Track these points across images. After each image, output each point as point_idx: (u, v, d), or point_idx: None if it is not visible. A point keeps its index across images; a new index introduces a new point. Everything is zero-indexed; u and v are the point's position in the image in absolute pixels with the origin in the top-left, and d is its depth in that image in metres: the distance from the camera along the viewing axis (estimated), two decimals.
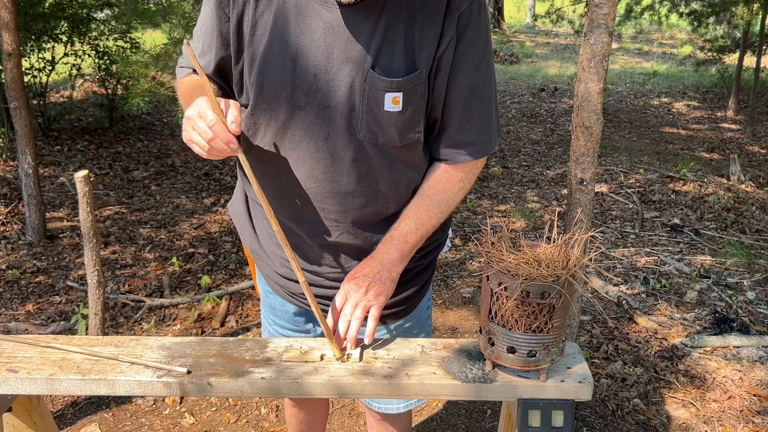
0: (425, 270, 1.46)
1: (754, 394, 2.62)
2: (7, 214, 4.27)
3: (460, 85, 1.21)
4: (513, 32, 15.87)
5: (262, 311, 1.61)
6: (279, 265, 1.41)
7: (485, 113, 1.26)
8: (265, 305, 1.56)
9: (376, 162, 1.25)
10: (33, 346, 1.27)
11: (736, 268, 3.78)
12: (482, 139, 1.27)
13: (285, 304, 1.49)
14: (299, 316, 1.51)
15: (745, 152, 6.52)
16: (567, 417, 1.15)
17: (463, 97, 1.22)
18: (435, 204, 1.29)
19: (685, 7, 8.77)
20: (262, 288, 1.54)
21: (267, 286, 1.51)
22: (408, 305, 1.45)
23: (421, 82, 1.18)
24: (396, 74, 1.16)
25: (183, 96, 1.32)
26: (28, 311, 3.22)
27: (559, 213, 4.31)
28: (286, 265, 1.39)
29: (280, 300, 1.49)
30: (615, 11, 1.85)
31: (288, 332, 1.54)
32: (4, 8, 3.48)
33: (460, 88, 1.21)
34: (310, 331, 1.54)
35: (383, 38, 1.16)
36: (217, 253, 3.89)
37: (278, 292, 1.47)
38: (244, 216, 1.46)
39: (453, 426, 2.48)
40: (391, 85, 1.16)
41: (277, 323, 1.54)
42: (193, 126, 1.13)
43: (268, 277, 1.47)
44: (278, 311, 1.52)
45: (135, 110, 4.11)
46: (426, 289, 1.49)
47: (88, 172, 2.25)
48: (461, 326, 3.17)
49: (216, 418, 2.50)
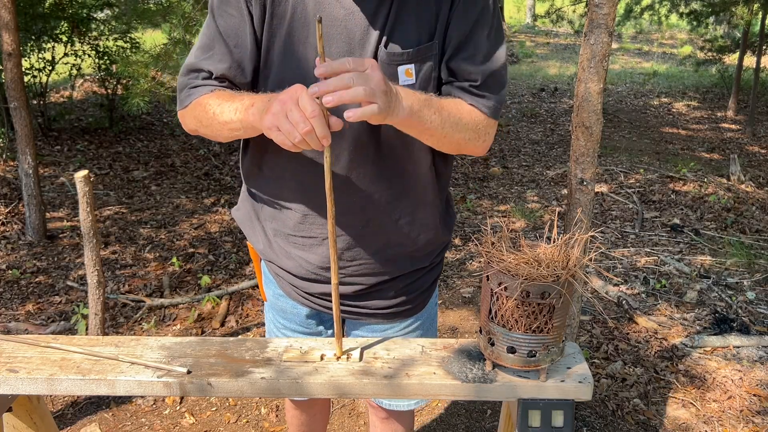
0: (435, 267, 1.48)
1: (754, 394, 2.62)
2: (7, 214, 4.27)
3: (472, 53, 1.23)
4: (513, 32, 15.87)
5: (269, 316, 1.58)
6: (296, 266, 1.40)
7: (498, 78, 1.27)
8: (274, 309, 1.54)
9: (396, 141, 1.26)
10: (33, 346, 1.27)
11: (736, 268, 3.78)
12: (497, 100, 1.27)
13: (297, 306, 1.48)
14: (311, 318, 1.50)
15: (745, 152, 6.52)
16: (567, 417, 1.15)
17: (477, 62, 1.24)
18: (453, 112, 1.22)
19: (685, 7, 8.78)
20: (272, 291, 1.52)
21: (278, 288, 1.49)
22: (419, 302, 1.47)
23: (433, 53, 1.21)
24: (408, 46, 1.20)
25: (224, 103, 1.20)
26: (28, 311, 3.22)
27: (559, 213, 4.31)
28: (304, 266, 1.39)
29: (292, 303, 1.48)
30: (615, 11, 1.85)
31: (298, 335, 1.52)
32: (4, 8, 3.48)
33: (472, 55, 1.23)
34: (322, 333, 1.53)
35: (397, 13, 1.18)
36: (217, 253, 3.89)
37: (290, 294, 1.46)
38: (252, 220, 1.45)
39: (453, 426, 2.48)
40: (403, 58, 1.19)
41: (287, 327, 1.53)
42: (288, 114, 1.03)
43: (281, 278, 1.46)
44: (289, 314, 1.50)
45: (135, 110, 4.11)
46: (434, 287, 1.51)
47: (88, 172, 2.25)
48: (461, 326, 3.17)
49: (216, 418, 2.50)
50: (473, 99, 1.24)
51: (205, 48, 1.25)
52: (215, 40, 1.24)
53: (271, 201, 1.38)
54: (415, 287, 1.43)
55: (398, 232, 1.36)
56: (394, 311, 1.44)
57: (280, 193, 1.35)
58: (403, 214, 1.35)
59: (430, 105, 1.15)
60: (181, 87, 1.29)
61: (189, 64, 1.27)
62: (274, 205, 1.38)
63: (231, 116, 1.17)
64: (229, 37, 1.23)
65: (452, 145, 1.25)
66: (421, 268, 1.42)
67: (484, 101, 1.25)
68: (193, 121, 1.28)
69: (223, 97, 1.21)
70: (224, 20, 1.22)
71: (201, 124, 1.26)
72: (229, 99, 1.19)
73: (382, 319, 1.45)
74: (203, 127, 1.26)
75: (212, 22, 1.24)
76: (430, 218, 1.40)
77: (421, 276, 1.44)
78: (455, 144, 1.25)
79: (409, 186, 1.33)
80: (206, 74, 1.25)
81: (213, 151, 5.96)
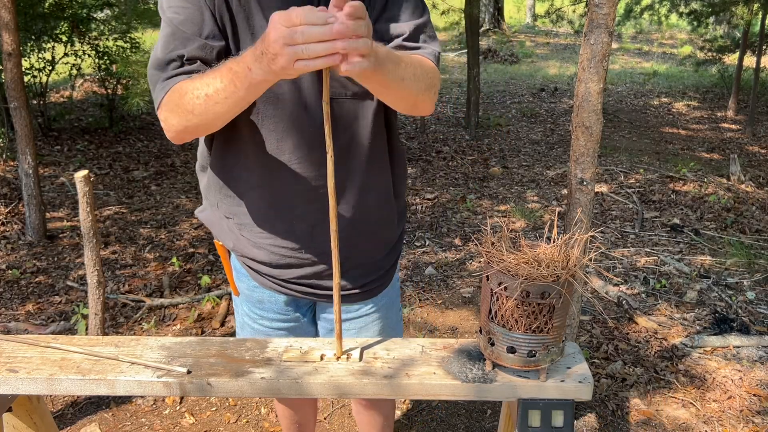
0: (396, 245, 1.53)
1: (754, 394, 2.62)
2: (7, 214, 4.27)
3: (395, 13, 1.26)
4: (513, 32, 15.86)
5: (242, 309, 1.57)
6: (268, 254, 1.41)
7: (428, 30, 1.30)
8: (250, 301, 1.53)
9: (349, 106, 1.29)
10: (33, 346, 1.27)
11: (736, 268, 3.78)
12: (434, 48, 1.30)
13: (274, 295, 1.49)
14: (288, 305, 1.52)
15: (745, 152, 6.52)
16: (567, 417, 1.15)
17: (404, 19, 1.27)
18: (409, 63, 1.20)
19: (685, 7, 8.78)
20: (245, 285, 1.52)
21: (252, 280, 1.49)
22: (385, 280, 1.52)
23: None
24: None
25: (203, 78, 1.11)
26: (28, 311, 3.22)
27: (559, 213, 4.31)
28: (276, 252, 1.40)
29: (269, 292, 1.49)
30: (615, 11, 1.85)
31: (276, 324, 1.53)
32: (4, 8, 3.48)
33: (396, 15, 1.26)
34: (299, 320, 1.54)
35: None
36: (216, 253, 3.89)
37: (265, 284, 1.47)
38: (219, 217, 1.46)
39: (453, 426, 2.48)
40: None
41: (264, 317, 1.53)
42: (303, 35, 0.91)
43: (253, 270, 1.46)
44: (266, 304, 1.51)
45: (135, 110, 4.12)
46: (397, 265, 1.57)
47: (88, 172, 2.25)
48: (461, 326, 3.17)
49: (216, 418, 2.50)
50: (412, 52, 1.26)
51: (168, 42, 1.19)
52: (175, 32, 1.18)
53: (234, 195, 1.39)
54: (380, 265, 1.49)
55: (359, 204, 1.38)
56: (364, 290, 1.48)
57: (242, 185, 1.36)
58: (365, 182, 1.37)
59: (390, 57, 1.12)
60: (153, 85, 1.21)
61: (155, 62, 1.20)
62: (237, 198, 1.39)
63: (216, 86, 1.08)
64: (188, 24, 1.18)
65: (409, 99, 1.23)
66: (383, 243, 1.48)
67: (422, 51, 1.27)
68: (175, 115, 1.17)
69: (199, 76, 1.13)
70: (178, 13, 1.19)
71: (183, 111, 1.15)
72: (207, 74, 1.11)
73: (355, 301, 1.49)
74: (185, 114, 1.15)
75: (167, 22, 1.20)
76: (384, 182, 1.43)
77: (385, 254, 1.49)
78: (412, 97, 1.23)
79: (365, 153, 1.35)
80: (176, 63, 1.17)
81: None
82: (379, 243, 1.48)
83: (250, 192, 1.36)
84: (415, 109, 1.29)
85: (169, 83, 1.17)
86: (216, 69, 1.10)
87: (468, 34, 6.77)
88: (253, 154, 1.31)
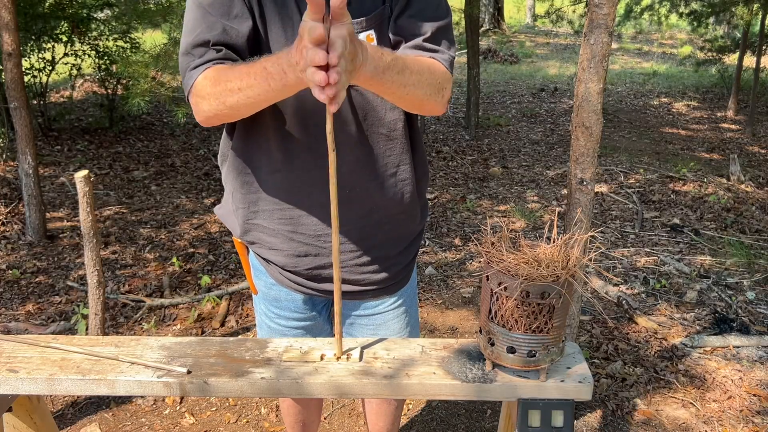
0: (415, 240, 1.52)
1: (754, 394, 2.62)
2: (7, 214, 4.27)
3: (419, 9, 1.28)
4: (513, 32, 15.87)
5: (260, 308, 1.58)
6: (285, 242, 1.41)
7: (447, 34, 1.32)
8: (267, 299, 1.54)
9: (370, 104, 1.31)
10: (33, 346, 1.27)
11: (736, 268, 3.78)
12: (450, 55, 1.31)
13: (291, 293, 1.49)
14: (306, 303, 1.52)
15: (745, 152, 6.52)
16: (567, 417, 1.16)
17: (425, 18, 1.28)
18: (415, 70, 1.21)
19: (684, 7, 8.78)
20: (263, 282, 1.52)
21: (269, 277, 1.49)
22: (403, 276, 1.51)
23: (386, 16, 1.26)
24: (365, 13, 1.24)
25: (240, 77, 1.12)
26: (28, 311, 3.22)
27: (559, 213, 4.31)
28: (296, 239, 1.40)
29: (286, 290, 1.49)
30: (615, 11, 1.85)
31: (292, 323, 1.53)
32: (4, 8, 3.48)
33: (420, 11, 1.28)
34: (316, 319, 1.55)
35: None
36: (217, 253, 3.89)
37: (282, 282, 1.47)
38: (236, 210, 1.45)
39: (453, 426, 2.48)
40: (363, 25, 1.23)
41: (281, 316, 1.53)
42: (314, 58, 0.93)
43: (271, 264, 1.46)
44: (283, 302, 1.51)
45: (135, 110, 4.12)
46: (414, 263, 1.56)
47: (88, 172, 2.25)
48: (461, 326, 3.17)
49: (216, 418, 2.50)
50: (429, 54, 1.27)
51: (195, 26, 1.21)
52: (204, 16, 1.20)
53: (253, 181, 1.39)
54: (399, 261, 1.48)
55: (382, 194, 1.39)
56: (382, 287, 1.48)
57: (262, 170, 1.37)
58: (385, 174, 1.38)
59: (394, 66, 1.14)
60: (182, 72, 1.24)
61: (183, 48, 1.23)
62: (255, 184, 1.39)
63: (250, 82, 1.10)
64: (216, 6, 1.20)
65: (414, 103, 1.26)
66: (404, 237, 1.47)
67: (439, 55, 1.28)
68: (206, 102, 1.19)
69: (232, 69, 1.15)
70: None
71: (215, 100, 1.17)
72: (240, 69, 1.13)
73: (372, 297, 1.49)
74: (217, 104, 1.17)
75: (196, 4, 1.22)
76: (409, 175, 1.43)
77: (404, 248, 1.49)
78: (417, 101, 1.25)
79: (388, 147, 1.37)
80: (203, 49, 1.20)
81: (213, 151, 5.96)
82: (401, 237, 1.48)
83: (269, 177, 1.36)
84: (421, 111, 1.32)
85: (197, 72, 1.20)
86: (250, 66, 1.11)
87: (468, 34, 6.78)
88: (274, 137, 1.32)
